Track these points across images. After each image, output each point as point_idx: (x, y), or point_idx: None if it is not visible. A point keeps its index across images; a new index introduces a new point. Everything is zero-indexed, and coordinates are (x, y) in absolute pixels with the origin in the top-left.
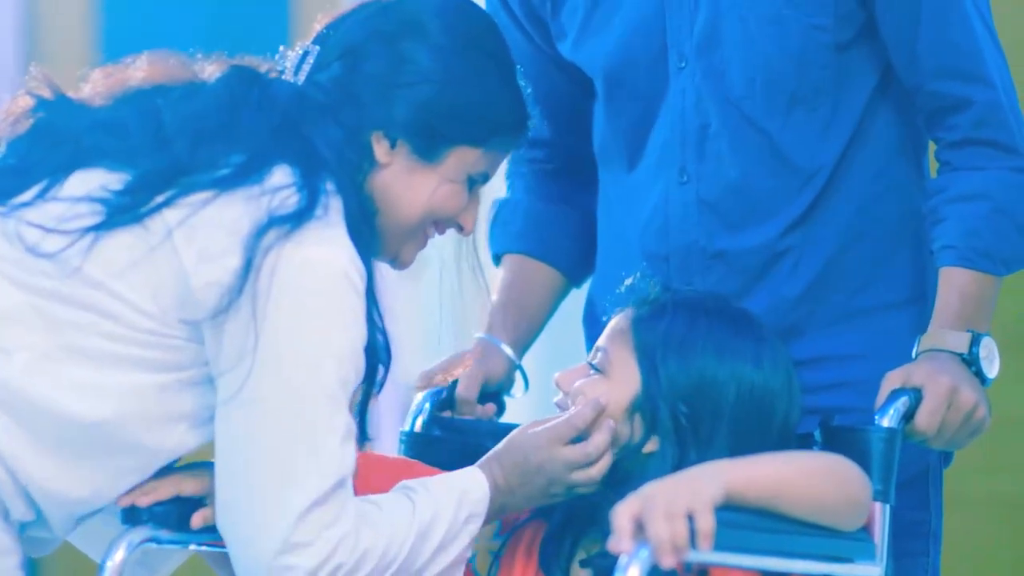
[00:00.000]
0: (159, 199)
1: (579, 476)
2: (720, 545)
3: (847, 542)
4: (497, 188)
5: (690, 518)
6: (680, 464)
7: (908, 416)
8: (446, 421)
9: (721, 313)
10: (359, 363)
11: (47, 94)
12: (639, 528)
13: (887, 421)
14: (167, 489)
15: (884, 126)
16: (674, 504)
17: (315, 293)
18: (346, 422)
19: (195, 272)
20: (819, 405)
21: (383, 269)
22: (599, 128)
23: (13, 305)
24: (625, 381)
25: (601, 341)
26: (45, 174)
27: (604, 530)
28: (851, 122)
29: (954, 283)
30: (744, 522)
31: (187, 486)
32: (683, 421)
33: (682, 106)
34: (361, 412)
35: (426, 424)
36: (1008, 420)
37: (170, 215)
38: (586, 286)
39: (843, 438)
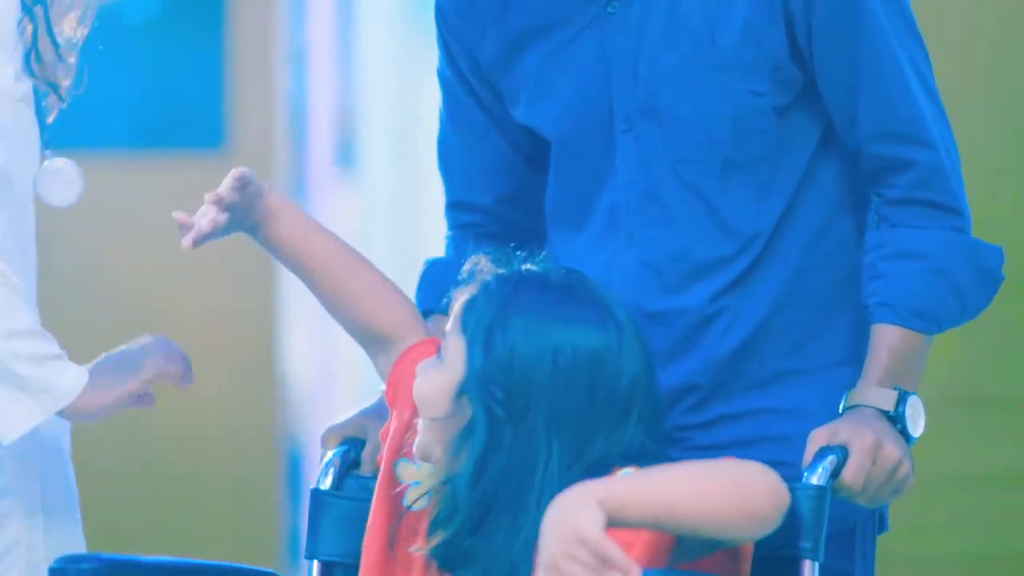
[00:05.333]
0: None
1: None
2: None
3: None
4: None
5: None
6: (495, 444)
7: (835, 473)
8: (354, 480)
9: (544, 285)
10: None
11: None
12: None
13: (816, 479)
14: None
15: (825, 183)
16: (572, 552)
17: None
18: None
19: None
20: (749, 458)
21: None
22: (551, 189)
23: None
24: (455, 367)
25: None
26: None
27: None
28: (791, 184)
29: (885, 340)
30: None
31: None
32: (495, 403)
33: (627, 169)
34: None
35: (334, 483)
36: (936, 478)
37: None
38: None
39: None
